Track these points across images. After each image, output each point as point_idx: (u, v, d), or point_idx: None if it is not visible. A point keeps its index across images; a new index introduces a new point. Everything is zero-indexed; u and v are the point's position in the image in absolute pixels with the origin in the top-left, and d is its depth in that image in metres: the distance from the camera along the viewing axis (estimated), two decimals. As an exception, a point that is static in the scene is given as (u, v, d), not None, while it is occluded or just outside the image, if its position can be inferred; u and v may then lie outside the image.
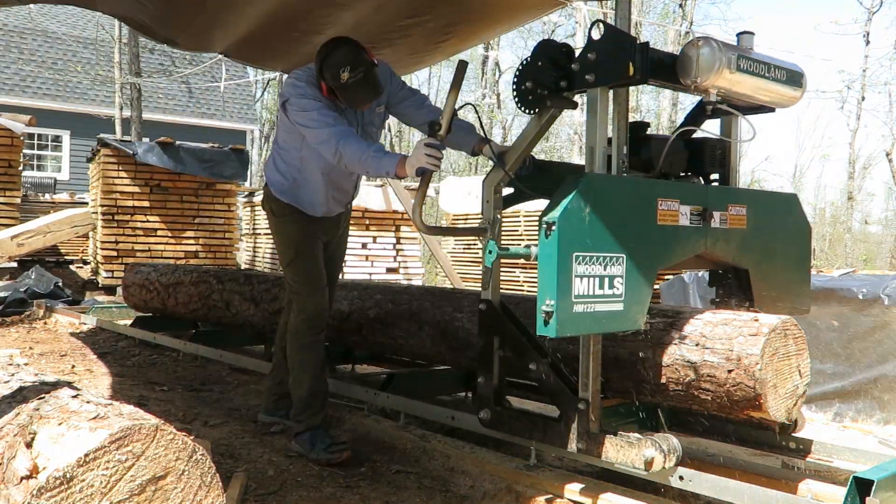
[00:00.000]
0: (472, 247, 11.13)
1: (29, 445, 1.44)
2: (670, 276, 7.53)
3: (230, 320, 4.93)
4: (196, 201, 8.95)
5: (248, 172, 13.37)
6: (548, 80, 2.47)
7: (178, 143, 8.76)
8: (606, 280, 2.20)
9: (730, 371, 2.41)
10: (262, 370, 4.47)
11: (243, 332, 5.18)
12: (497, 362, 2.73)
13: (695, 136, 2.76)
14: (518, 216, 9.98)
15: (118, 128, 17.20)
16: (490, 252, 2.43)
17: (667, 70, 2.42)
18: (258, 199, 12.57)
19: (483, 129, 3.06)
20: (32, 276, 7.99)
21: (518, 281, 9.97)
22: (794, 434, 2.79)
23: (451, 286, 9.39)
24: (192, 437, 1.55)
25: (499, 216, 2.69)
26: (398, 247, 9.81)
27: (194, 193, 8.93)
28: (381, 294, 3.91)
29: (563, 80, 2.45)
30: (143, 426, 1.45)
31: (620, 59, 2.30)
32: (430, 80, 30.26)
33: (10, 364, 2.14)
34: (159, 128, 17.38)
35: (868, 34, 18.65)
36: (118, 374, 4.71)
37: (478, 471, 2.86)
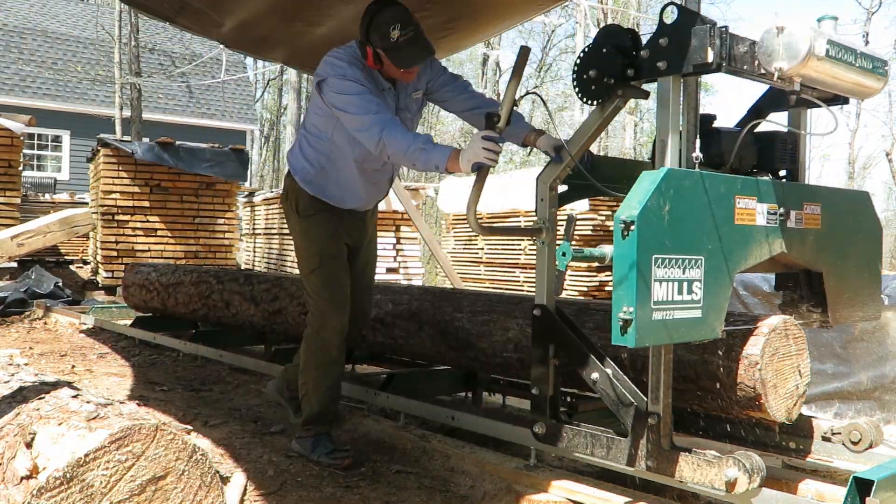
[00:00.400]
0: (470, 247, 11.13)
1: (29, 445, 1.44)
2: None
3: (230, 320, 4.93)
4: (196, 201, 8.95)
5: (248, 172, 13.38)
6: (614, 68, 2.31)
7: (178, 143, 8.76)
8: (685, 284, 2.04)
9: (730, 371, 2.41)
10: (262, 370, 4.47)
11: (243, 332, 5.18)
12: (553, 372, 2.57)
13: (759, 128, 2.59)
14: (518, 216, 9.98)
15: (118, 128, 17.22)
16: (564, 255, 2.25)
17: (744, 57, 2.22)
18: (258, 198, 12.58)
19: (552, 119, 2.97)
20: (32, 276, 8.00)
21: (518, 281, 9.98)
22: (871, 450, 2.66)
23: (451, 286, 9.39)
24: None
25: (575, 215, 2.51)
26: (398, 247, 9.82)
27: (194, 193, 8.93)
28: (381, 294, 3.91)
29: (631, 67, 2.29)
30: (143, 426, 1.45)
31: (697, 43, 2.12)
32: (430, 80, 30.26)
33: (10, 364, 2.15)
34: (159, 128, 17.40)
35: (867, 34, 18.67)
36: (118, 374, 4.71)
37: (478, 471, 2.86)
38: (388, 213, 9.74)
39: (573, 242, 2.29)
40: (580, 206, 8.74)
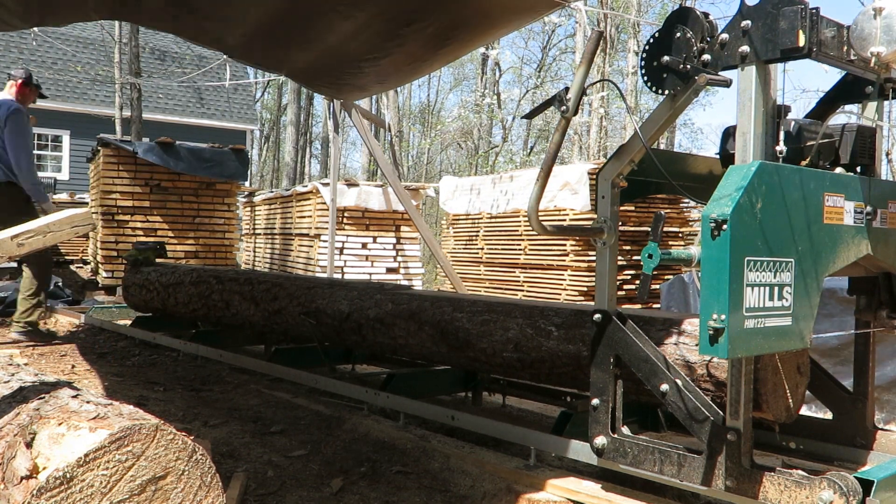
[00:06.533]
0: (470, 247, 11.13)
1: (29, 445, 1.44)
2: (670, 277, 7.54)
3: (230, 320, 4.93)
4: (196, 201, 8.95)
5: (248, 172, 13.38)
6: (688, 54, 2.15)
7: (178, 143, 8.76)
8: (776, 290, 1.91)
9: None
10: (262, 370, 4.47)
11: (243, 332, 5.18)
12: (615, 383, 2.43)
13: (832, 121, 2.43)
14: (518, 216, 9.98)
15: (118, 128, 17.20)
16: (650, 257, 2.11)
17: (832, 42, 2.07)
18: (258, 199, 12.60)
19: (627, 108, 2.92)
20: (32, 276, 7.99)
21: (518, 281, 9.98)
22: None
23: (452, 286, 9.40)
24: (192, 437, 1.55)
25: (663, 213, 2.34)
26: (398, 247, 9.82)
27: (194, 193, 8.93)
28: (381, 294, 3.91)
29: (707, 53, 2.13)
30: (143, 426, 1.45)
31: (786, 26, 1.97)
32: (429, 78, 30.28)
33: (10, 364, 2.15)
34: (159, 128, 17.41)
35: None
36: (118, 374, 4.71)
37: (478, 471, 2.86)
38: (388, 213, 9.74)
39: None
40: (579, 206, 8.74)
